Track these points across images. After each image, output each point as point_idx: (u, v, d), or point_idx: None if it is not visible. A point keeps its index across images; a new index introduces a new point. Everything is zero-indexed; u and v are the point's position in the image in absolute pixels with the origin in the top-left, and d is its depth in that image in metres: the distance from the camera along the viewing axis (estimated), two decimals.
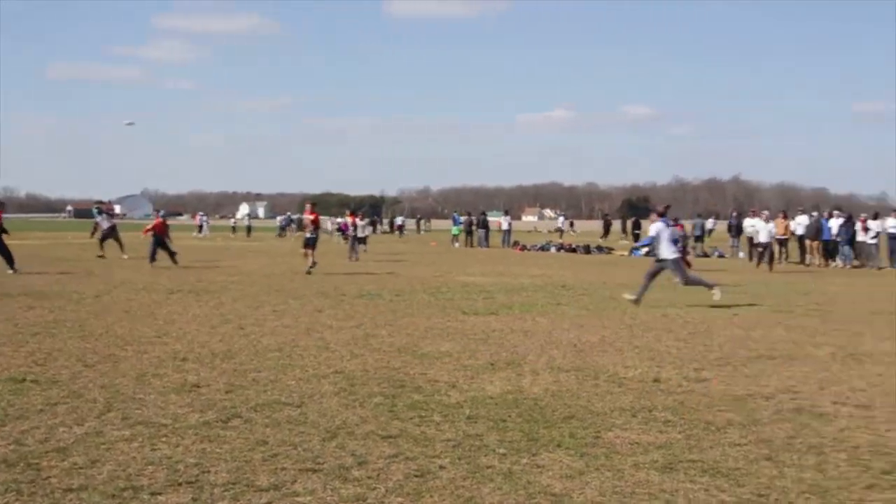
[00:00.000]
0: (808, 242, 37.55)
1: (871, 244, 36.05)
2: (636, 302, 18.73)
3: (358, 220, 39.54)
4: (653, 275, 19.34)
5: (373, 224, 71.60)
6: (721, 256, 42.03)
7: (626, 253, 44.17)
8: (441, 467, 6.73)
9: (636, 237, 52.23)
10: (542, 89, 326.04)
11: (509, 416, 8.41)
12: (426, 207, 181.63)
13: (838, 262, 35.88)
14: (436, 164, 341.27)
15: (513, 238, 54.58)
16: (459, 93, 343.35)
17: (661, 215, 19.60)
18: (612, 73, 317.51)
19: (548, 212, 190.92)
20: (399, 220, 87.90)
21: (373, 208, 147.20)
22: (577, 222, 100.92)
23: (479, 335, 13.94)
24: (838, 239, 36.16)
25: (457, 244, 54.05)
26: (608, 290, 22.52)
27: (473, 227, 55.53)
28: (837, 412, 8.82)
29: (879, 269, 34.57)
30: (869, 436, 7.91)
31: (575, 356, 12.07)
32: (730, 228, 45.03)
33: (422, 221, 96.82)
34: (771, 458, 7.11)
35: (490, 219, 59.69)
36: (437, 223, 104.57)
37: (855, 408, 9.04)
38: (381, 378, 10.28)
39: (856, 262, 35.77)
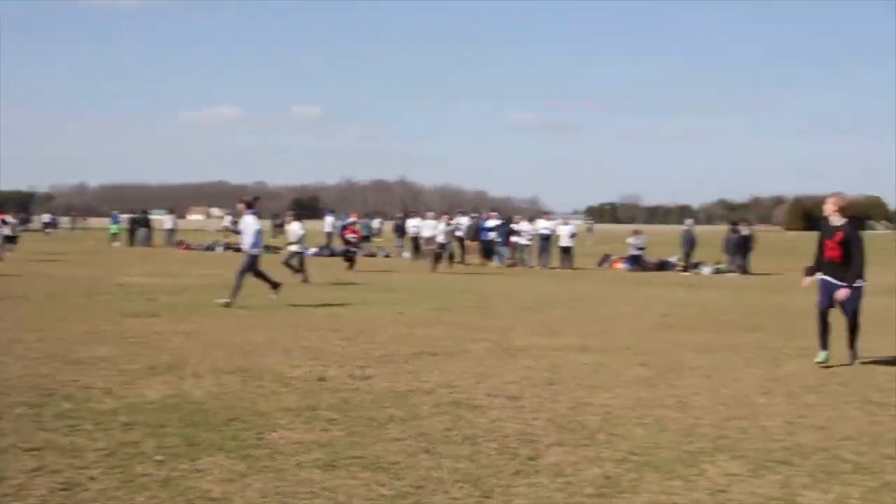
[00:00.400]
0: (467, 243, 39.12)
1: (524, 245, 38.13)
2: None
3: (9, 218, 37.41)
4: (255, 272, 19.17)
5: (24, 222, 67.72)
6: (387, 256, 42.95)
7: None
8: (91, 478, 6.43)
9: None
10: (207, 86, 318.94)
11: (169, 422, 8.19)
12: (83, 204, 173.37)
13: (495, 261, 37.59)
14: (94, 159, 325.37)
15: (177, 237, 53.37)
16: (122, 87, 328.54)
17: (250, 206, 19.32)
18: (281, 74, 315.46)
19: (215, 210, 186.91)
20: (47, 218, 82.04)
21: (21, 205, 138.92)
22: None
23: (139, 338, 13.50)
24: (496, 240, 37.90)
25: (117, 243, 52.14)
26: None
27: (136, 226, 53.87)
28: (491, 404, 9.21)
29: (531, 267, 36.57)
30: (518, 425, 8.32)
31: (240, 357, 11.95)
32: (396, 229, 46.28)
33: (77, 219, 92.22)
34: (429, 451, 7.32)
35: (153, 217, 58.05)
36: (95, 221, 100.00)
37: (506, 399, 9.47)
38: (25, 387, 9.67)
39: (511, 261, 37.63)
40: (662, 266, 37.79)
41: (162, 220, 57.68)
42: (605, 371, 11.44)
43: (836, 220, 11.90)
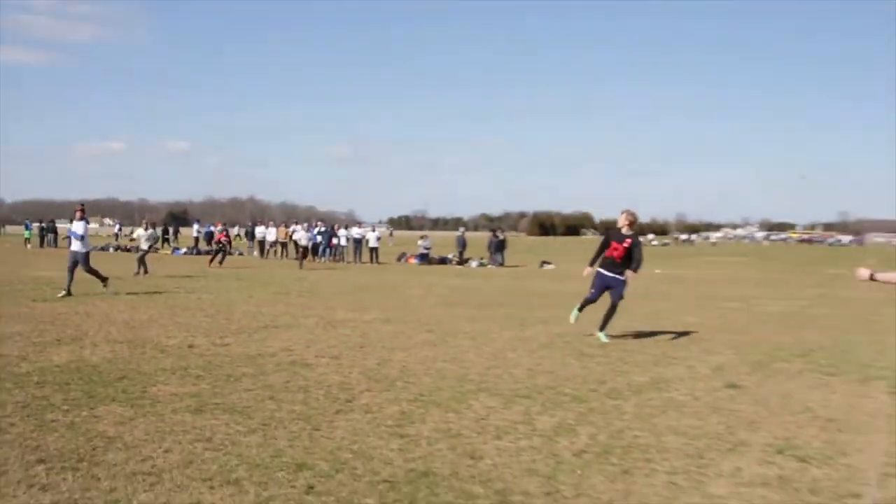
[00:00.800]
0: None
1: (343, 246, 38.07)
2: (67, 293, 16.44)
3: None
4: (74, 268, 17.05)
5: None
6: (240, 254, 41.99)
7: (168, 252, 43.05)
8: (11, 424, 6.12)
9: (167, 240, 50.72)
10: (101, 124, 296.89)
11: (72, 380, 7.82)
12: (1, 216, 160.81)
13: (322, 259, 37.33)
14: (9, 180, 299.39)
15: None
16: (30, 122, 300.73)
17: (83, 215, 17.76)
18: (159, 113, 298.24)
19: (107, 220, 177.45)
20: None
21: None
22: (134, 228, 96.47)
23: (47, 318, 12.71)
24: (321, 243, 37.69)
25: (29, 246, 48.91)
26: (154, 279, 21.68)
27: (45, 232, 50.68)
28: (318, 362, 9.19)
29: (348, 263, 36.53)
30: (338, 377, 8.34)
31: (128, 331, 11.46)
32: (247, 234, 45.58)
33: None
34: (273, 398, 7.27)
35: (59, 225, 54.59)
36: (11, 229, 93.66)
37: (330, 358, 9.47)
38: None
39: (333, 259, 37.48)
40: (443, 261, 38.37)
41: (66, 227, 54.34)
42: (402, 337, 11.56)
43: (626, 231, 11.68)
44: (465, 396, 7.51)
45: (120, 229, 75.33)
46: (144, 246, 24.13)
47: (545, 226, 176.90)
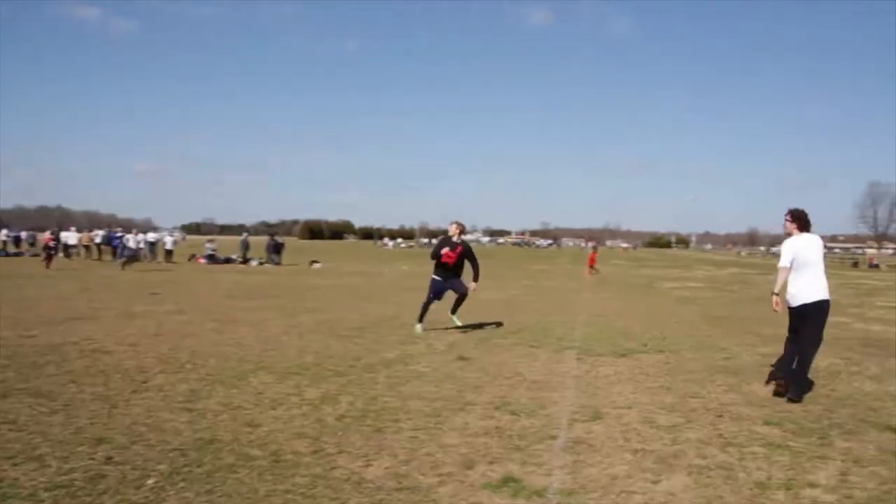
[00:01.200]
0: (102, 246, 36.34)
1: (142, 248, 35.62)
2: None
3: None
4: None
5: None
6: (77, 256, 38.20)
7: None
8: None
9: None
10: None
11: None
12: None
13: (120, 260, 34.68)
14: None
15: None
16: None
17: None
18: None
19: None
20: None
21: None
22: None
23: None
24: (140, 247, 34.96)
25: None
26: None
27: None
28: (117, 349, 8.66)
29: (147, 262, 34.26)
30: (135, 361, 7.89)
31: None
32: (54, 237, 41.74)
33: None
34: (75, 381, 6.79)
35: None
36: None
37: (128, 346, 8.92)
38: None
39: (124, 261, 34.89)
40: (228, 261, 36.85)
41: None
42: (192, 325, 11.10)
43: (456, 238, 11.04)
44: (245, 375, 7.39)
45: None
46: None
47: (314, 231, 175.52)
